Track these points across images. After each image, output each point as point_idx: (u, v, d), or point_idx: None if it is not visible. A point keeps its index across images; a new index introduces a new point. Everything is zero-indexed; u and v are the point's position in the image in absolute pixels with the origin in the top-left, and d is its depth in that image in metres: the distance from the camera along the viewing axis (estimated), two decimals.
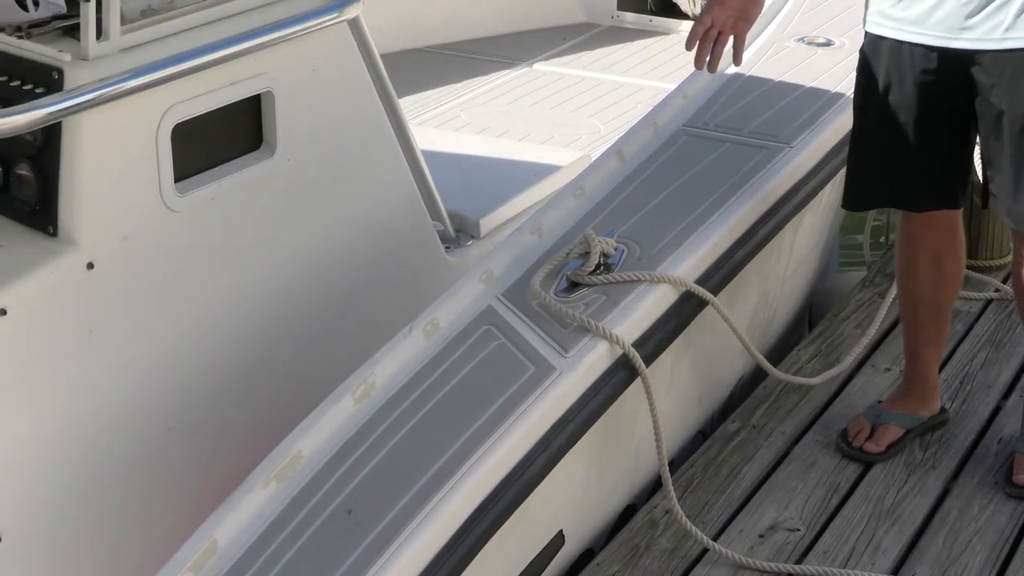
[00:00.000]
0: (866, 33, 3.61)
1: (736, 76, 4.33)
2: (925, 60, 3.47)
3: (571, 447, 3.10)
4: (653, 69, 5.88)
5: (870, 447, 3.87)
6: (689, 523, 3.45)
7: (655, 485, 3.68)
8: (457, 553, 2.77)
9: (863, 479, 3.81)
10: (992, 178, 3.53)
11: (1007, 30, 3.36)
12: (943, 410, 4.01)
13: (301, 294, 3.61)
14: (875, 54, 3.57)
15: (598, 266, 3.36)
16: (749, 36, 4.53)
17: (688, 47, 3.69)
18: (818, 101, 4.22)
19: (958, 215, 3.74)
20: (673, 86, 5.06)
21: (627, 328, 3.24)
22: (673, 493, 3.44)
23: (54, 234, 3.12)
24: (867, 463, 3.84)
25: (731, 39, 3.72)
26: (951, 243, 3.76)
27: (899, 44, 3.50)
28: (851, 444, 3.89)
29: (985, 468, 3.84)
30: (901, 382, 4.03)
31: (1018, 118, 3.41)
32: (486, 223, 4.16)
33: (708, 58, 3.68)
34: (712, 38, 3.68)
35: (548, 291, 3.29)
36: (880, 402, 3.98)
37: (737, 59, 3.81)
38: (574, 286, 3.34)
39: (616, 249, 3.42)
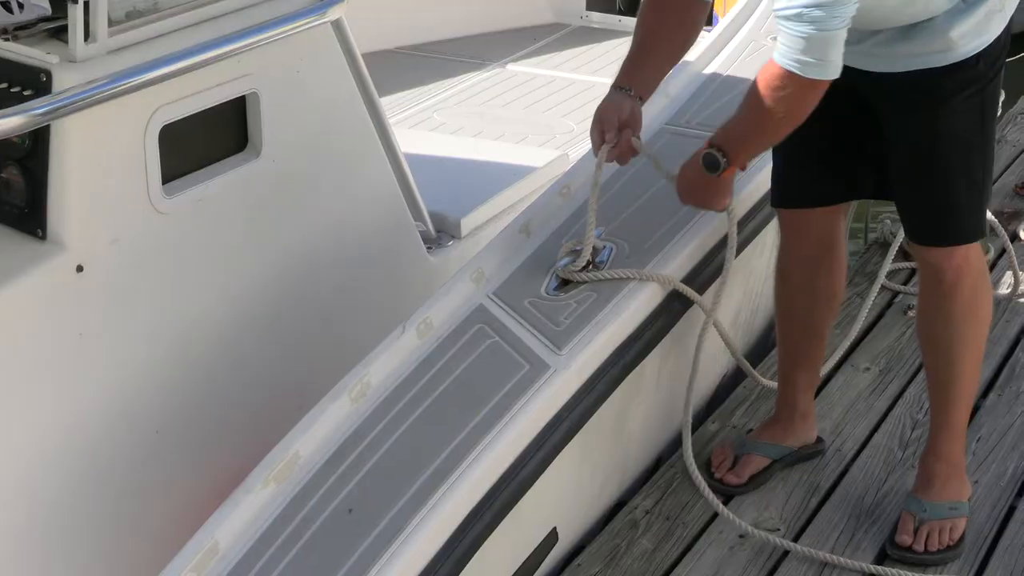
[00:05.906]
0: None
1: (715, 75, 4.34)
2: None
3: (566, 444, 3.12)
4: None
5: (730, 478, 3.74)
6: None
7: (644, 483, 3.69)
8: (457, 551, 2.78)
9: (843, 479, 3.81)
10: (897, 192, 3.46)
11: (901, 55, 3.26)
12: (819, 440, 3.89)
13: (286, 295, 3.61)
14: None
15: (588, 264, 3.36)
16: (724, 36, 4.56)
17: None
18: None
19: (839, 231, 3.64)
20: None
21: (618, 325, 3.25)
22: (691, 451, 3.58)
23: (43, 237, 3.10)
24: (729, 495, 3.72)
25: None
26: (828, 260, 3.66)
27: None
28: (713, 475, 3.74)
29: None
30: (773, 409, 3.91)
31: (905, 145, 3.34)
32: (467, 223, 4.16)
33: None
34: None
35: (541, 287, 3.30)
36: (750, 431, 3.89)
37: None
38: (564, 284, 3.35)
39: (605, 247, 3.42)
